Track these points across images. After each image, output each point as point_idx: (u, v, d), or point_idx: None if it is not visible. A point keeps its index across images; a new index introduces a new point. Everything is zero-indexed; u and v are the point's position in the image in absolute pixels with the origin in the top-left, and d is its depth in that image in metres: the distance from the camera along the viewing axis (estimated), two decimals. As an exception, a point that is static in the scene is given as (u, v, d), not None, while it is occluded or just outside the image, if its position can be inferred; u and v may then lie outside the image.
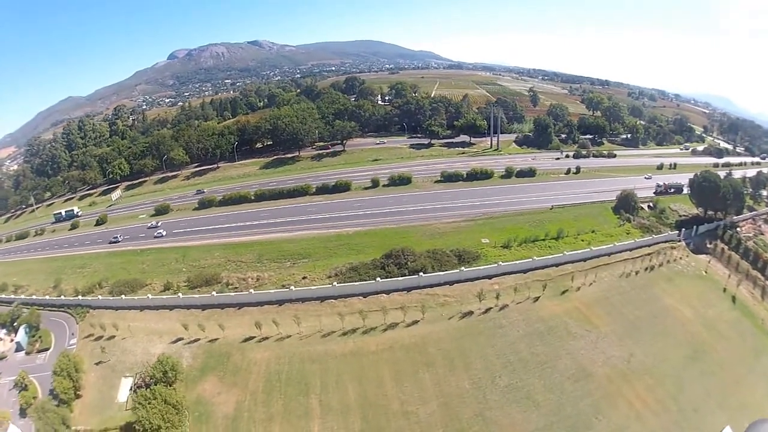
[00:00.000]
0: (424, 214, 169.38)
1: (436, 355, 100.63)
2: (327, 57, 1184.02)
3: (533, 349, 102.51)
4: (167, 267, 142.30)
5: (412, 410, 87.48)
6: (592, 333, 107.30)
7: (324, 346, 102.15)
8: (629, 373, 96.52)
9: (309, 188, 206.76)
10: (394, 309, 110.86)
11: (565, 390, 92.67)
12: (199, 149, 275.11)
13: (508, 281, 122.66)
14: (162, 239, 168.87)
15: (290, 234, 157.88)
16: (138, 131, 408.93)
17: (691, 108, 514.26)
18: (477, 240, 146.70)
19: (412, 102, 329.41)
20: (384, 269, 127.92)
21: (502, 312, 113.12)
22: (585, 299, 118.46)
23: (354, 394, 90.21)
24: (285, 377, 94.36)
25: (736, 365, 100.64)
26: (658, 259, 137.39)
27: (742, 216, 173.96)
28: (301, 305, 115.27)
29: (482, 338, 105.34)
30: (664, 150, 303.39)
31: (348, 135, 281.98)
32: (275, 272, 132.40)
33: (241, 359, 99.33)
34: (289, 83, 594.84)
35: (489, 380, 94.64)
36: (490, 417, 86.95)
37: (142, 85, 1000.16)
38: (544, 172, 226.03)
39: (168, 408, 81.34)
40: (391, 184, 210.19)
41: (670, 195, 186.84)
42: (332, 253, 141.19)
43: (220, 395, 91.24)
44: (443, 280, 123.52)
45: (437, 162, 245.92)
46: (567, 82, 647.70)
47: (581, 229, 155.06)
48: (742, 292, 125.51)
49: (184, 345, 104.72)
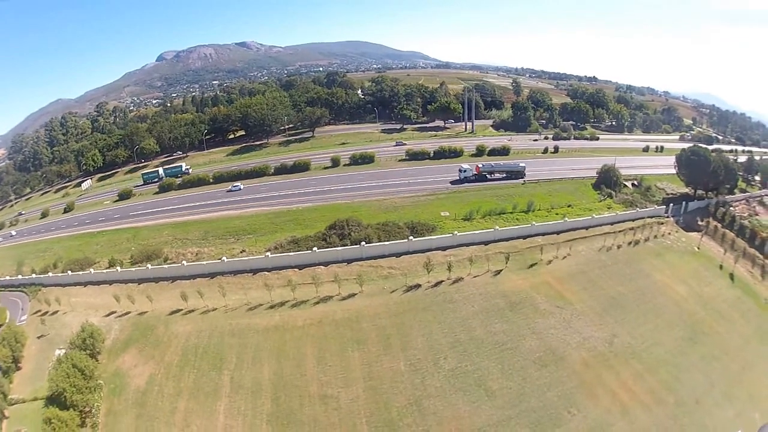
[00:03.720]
0: (381, 190, 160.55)
1: (370, 332, 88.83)
2: (315, 58, 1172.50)
3: (490, 327, 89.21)
4: (118, 246, 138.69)
5: (332, 394, 76.05)
6: (564, 310, 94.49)
7: (248, 319, 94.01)
8: (612, 358, 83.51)
9: (267, 169, 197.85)
10: (329, 281, 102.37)
11: (528, 377, 78.59)
12: (170, 139, 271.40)
13: (466, 253, 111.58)
14: (117, 221, 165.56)
15: (239, 211, 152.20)
16: (118, 126, 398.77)
17: (681, 103, 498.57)
18: (436, 213, 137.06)
19: (386, 89, 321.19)
20: (326, 240, 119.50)
21: (455, 286, 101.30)
22: (557, 273, 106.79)
23: (269, 373, 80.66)
24: (202, 351, 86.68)
25: (742, 349, 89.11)
26: (643, 233, 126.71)
27: (735, 196, 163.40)
28: (232, 278, 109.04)
29: (428, 314, 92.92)
30: (652, 136, 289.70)
31: (317, 121, 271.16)
32: (216, 247, 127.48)
33: (164, 332, 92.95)
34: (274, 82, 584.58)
35: (431, 362, 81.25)
36: (427, 407, 73.32)
37: (131, 86, 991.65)
38: (518, 151, 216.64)
39: (74, 371, 77.24)
40: (352, 164, 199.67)
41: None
42: (278, 228, 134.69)
43: (136, 368, 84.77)
44: (389, 251, 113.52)
45: (406, 143, 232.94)
46: (554, 79, 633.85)
47: (556, 203, 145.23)
48: (739, 270, 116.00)
49: (116, 318, 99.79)
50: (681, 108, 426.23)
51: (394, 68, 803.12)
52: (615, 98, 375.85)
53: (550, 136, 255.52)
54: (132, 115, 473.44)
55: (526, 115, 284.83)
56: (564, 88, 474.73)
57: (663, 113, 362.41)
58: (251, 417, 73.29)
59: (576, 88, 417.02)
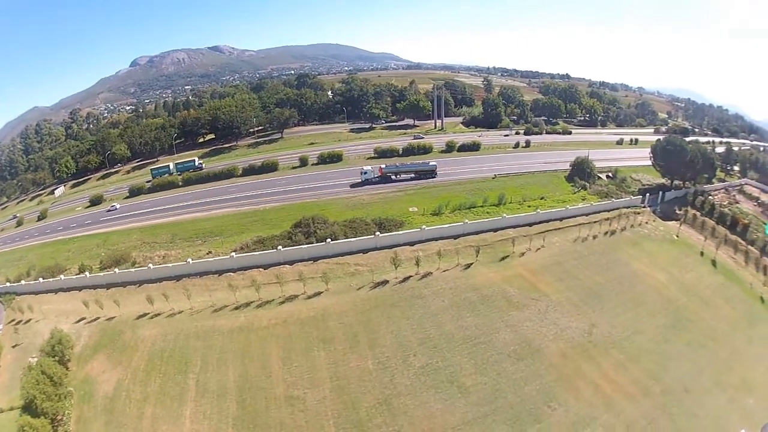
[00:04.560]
0: (349, 188, 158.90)
1: (337, 330, 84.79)
2: (287, 61, 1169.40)
3: (461, 321, 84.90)
4: (89, 252, 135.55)
5: (299, 395, 72.13)
6: (540, 302, 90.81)
7: (213, 321, 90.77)
8: (591, 348, 79.68)
9: (236, 170, 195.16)
10: (295, 280, 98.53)
11: (503, 371, 74.17)
12: (141, 144, 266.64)
13: (434, 247, 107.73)
14: (88, 227, 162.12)
15: (206, 213, 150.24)
16: (90, 133, 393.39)
17: (655, 98, 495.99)
18: (404, 209, 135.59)
19: (355, 89, 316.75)
20: (291, 239, 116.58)
21: (424, 281, 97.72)
22: (531, 265, 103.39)
23: (234, 375, 77.24)
24: (168, 355, 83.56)
25: (730, 335, 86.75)
26: (620, 223, 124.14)
27: (713, 186, 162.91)
28: (198, 279, 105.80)
29: (396, 310, 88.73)
30: (626, 130, 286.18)
31: (286, 122, 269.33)
32: (183, 250, 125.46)
33: (131, 336, 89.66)
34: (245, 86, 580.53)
35: (400, 360, 76.88)
36: (397, 406, 68.73)
37: (105, 93, 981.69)
38: (489, 146, 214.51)
39: (44, 378, 75.40)
40: (320, 163, 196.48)
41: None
42: (245, 229, 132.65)
43: (104, 374, 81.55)
44: (356, 247, 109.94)
45: (375, 142, 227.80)
46: (527, 77, 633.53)
47: (528, 196, 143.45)
48: (722, 256, 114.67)
49: (85, 324, 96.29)
50: (655, 102, 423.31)
51: (365, 70, 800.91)
52: (588, 94, 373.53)
53: (521, 132, 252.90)
54: (105, 122, 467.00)
55: (496, 111, 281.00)
56: (536, 85, 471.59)
57: (637, 107, 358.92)
58: (217, 421, 69.40)
59: (548, 84, 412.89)
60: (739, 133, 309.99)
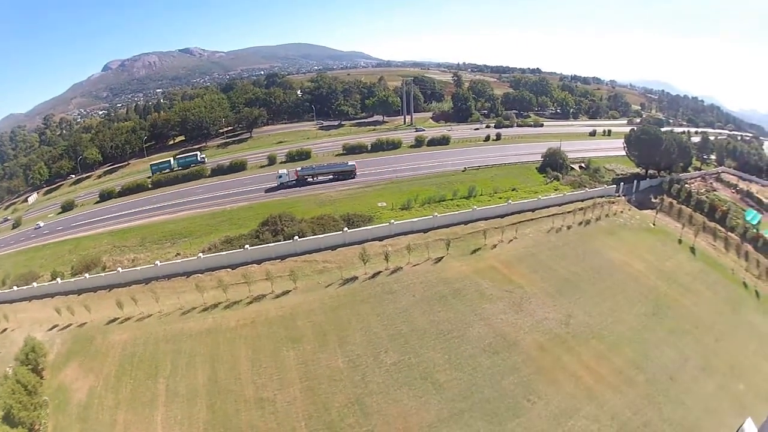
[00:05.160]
0: (316, 185, 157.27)
1: (305, 329, 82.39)
2: (257, 61, 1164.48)
3: (433, 316, 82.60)
4: (61, 259, 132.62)
5: (269, 397, 69.24)
6: (514, 293, 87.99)
7: (182, 324, 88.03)
8: (570, 339, 76.88)
9: (204, 171, 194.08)
10: (262, 279, 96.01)
11: (478, 366, 71.52)
12: (112, 147, 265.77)
13: (404, 242, 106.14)
14: (60, 233, 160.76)
15: (174, 215, 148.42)
16: (64, 138, 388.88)
17: (628, 91, 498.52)
18: (373, 204, 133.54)
19: (324, 87, 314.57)
20: (258, 238, 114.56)
21: (394, 276, 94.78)
22: (503, 257, 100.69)
23: (203, 378, 74.45)
24: (138, 360, 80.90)
25: (714, 321, 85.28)
26: (594, 213, 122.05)
27: (689, 174, 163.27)
28: (167, 282, 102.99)
29: (365, 307, 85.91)
30: (598, 122, 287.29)
31: (255, 121, 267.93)
32: (152, 253, 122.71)
33: (102, 342, 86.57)
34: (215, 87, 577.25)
35: (371, 357, 74.51)
36: (370, 405, 66.13)
37: (78, 98, 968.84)
38: (459, 140, 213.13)
39: (19, 387, 73.47)
40: (288, 161, 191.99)
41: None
42: (213, 230, 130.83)
43: (77, 381, 78.47)
44: (324, 244, 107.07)
45: (344, 139, 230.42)
46: (497, 73, 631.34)
47: (499, 188, 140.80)
48: (701, 244, 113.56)
49: (58, 331, 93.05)
50: (628, 95, 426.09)
51: (335, 69, 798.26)
52: (560, 87, 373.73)
53: (492, 125, 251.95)
54: (78, 127, 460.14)
55: (467, 105, 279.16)
56: (507, 80, 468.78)
57: (610, 99, 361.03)
58: (188, 426, 66.82)
59: (519, 78, 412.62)
60: (715, 123, 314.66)
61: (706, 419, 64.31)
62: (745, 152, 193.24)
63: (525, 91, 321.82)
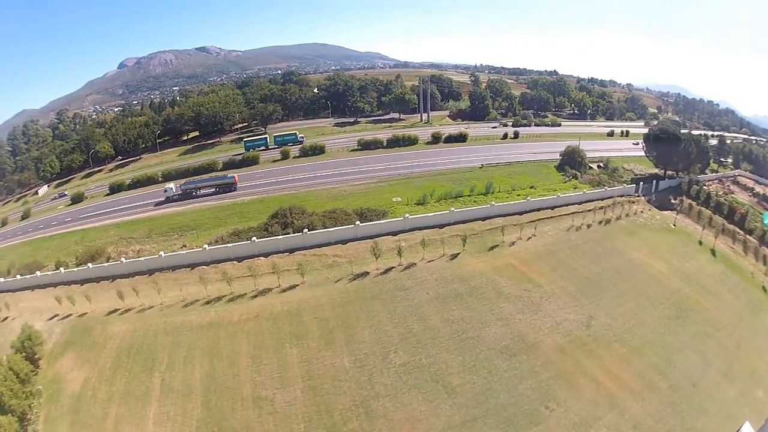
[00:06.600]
0: (330, 179, 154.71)
1: (311, 326, 79.27)
2: (273, 61, 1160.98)
3: (448, 314, 79.00)
4: (67, 249, 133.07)
5: (267, 396, 66.79)
6: (533, 293, 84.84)
7: (183, 317, 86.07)
8: (591, 342, 74.01)
9: (216, 164, 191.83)
10: (269, 273, 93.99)
11: (494, 369, 68.10)
12: (124, 141, 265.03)
13: (418, 237, 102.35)
14: (68, 224, 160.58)
15: (184, 208, 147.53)
16: (77, 133, 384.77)
17: (644, 94, 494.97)
18: (387, 199, 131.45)
19: (340, 84, 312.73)
20: (267, 230, 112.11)
21: (408, 272, 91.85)
22: (522, 255, 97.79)
23: (200, 374, 72.33)
24: (135, 352, 79.28)
25: (736, 325, 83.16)
26: (614, 212, 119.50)
27: (707, 176, 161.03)
28: (170, 273, 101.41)
29: (376, 303, 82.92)
30: (616, 122, 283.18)
31: (269, 117, 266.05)
32: (159, 244, 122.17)
33: (100, 333, 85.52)
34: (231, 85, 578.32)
35: (379, 357, 71.00)
36: (375, 408, 62.58)
37: (93, 95, 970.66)
38: (476, 138, 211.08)
39: (11, 375, 73.40)
40: (302, 155, 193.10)
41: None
42: (222, 222, 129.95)
43: (72, 372, 77.66)
44: (335, 238, 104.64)
45: (359, 135, 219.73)
46: (514, 74, 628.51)
47: (517, 185, 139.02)
48: (720, 246, 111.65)
49: (58, 321, 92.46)
50: (645, 98, 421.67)
51: (352, 69, 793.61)
52: (577, 88, 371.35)
53: (509, 124, 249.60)
54: (91, 122, 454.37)
55: (484, 104, 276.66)
56: (524, 81, 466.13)
57: (627, 102, 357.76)
58: (180, 423, 64.53)
59: (536, 80, 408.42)
60: (731, 127, 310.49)
61: (727, 427, 62.01)
62: (761, 156, 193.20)
63: (542, 91, 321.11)
